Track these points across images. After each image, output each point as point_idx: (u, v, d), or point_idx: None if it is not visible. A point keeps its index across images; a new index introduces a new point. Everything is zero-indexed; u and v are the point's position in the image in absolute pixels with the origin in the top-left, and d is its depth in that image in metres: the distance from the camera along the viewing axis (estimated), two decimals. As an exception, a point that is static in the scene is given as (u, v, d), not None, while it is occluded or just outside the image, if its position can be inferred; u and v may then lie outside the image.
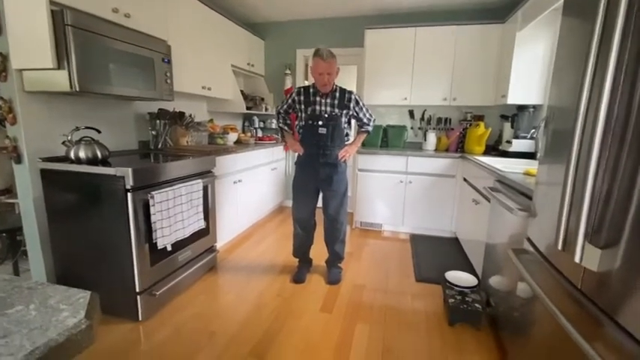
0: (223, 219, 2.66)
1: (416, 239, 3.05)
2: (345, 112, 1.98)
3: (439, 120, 3.42)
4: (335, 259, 2.28)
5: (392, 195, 3.14)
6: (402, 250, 2.81)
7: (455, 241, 2.99)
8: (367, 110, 2.06)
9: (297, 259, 2.36)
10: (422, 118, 3.50)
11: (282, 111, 2.11)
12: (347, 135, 2.07)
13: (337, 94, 1.97)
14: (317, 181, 2.05)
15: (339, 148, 2.03)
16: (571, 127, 1.08)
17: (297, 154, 2.11)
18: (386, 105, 3.49)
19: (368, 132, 2.13)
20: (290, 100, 2.05)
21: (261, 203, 3.43)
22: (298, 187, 2.10)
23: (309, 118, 1.98)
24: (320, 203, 2.16)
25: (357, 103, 2.00)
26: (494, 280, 1.78)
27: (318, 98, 1.97)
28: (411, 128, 3.57)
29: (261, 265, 2.46)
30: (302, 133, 2.03)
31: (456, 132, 3.25)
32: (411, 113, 3.51)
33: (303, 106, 1.99)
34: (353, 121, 2.12)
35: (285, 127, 2.13)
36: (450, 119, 3.41)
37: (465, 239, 2.69)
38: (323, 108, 1.96)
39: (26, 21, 1.53)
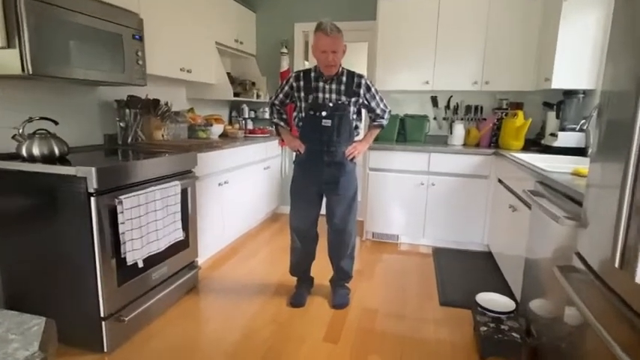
0: (206, 229, 2.67)
1: (440, 254, 3.04)
2: (354, 100, 1.98)
3: (468, 108, 3.42)
4: (341, 277, 2.29)
5: (411, 200, 3.15)
6: (422, 267, 2.81)
7: (487, 256, 2.99)
8: (381, 99, 2.07)
9: (296, 278, 2.41)
10: (447, 107, 3.50)
11: (276, 102, 2.12)
12: (356, 128, 2.07)
13: (344, 79, 1.97)
14: (320, 183, 2.06)
15: (347, 144, 2.04)
16: (630, 116, 1.06)
17: (296, 151, 2.12)
18: (403, 91, 3.49)
19: (382, 126, 2.13)
20: (287, 87, 2.05)
21: (252, 210, 3.45)
22: (297, 190, 2.11)
23: (311, 108, 1.98)
24: (323, 210, 2.16)
25: (369, 89, 2.01)
26: (536, 304, 1.77)
27: (321, 84, 1.97)
28: (434, 119, 3.57)
29: (251, 284, 2.46)
30: (302, 127, 2.03)
31: (489, 123, 3.25)
32: (434, 100, 3.51)
33: (302, 94, 1.99)
34: (364, 112, 2.14)
35: (282, 123, 2.13)
36: (482, 107, 3.41)
37: (500, 254, 2.68)
38: (327, 95, 1.97)
39: (-32, -9, 1.58)
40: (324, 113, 1.95)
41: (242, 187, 3.19)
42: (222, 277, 2.56)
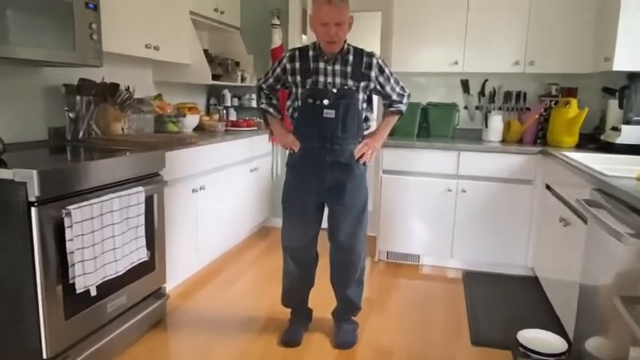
0: (177, 247, 2.68)
1: (472, 279, 3.05)
2: (363, 84, 1.99)
3: (508, 95, 3.43)
4: (347, 309, 2.29)
5: (435, 210, 3.16)
6: (450, 296, 2.81)
7: (532, 283, 2.98)
8: (397, 82, 2.09)
9: (289, 310, 2.37)
10: (481, 93, 3.51)
11: (264, 86, 2.14)
12: (366, 120, 2.08)
13: (351, 58, 1.98)
14: (320, 191, 2.06)
15: (355, 140, 2.04)
16: None
17: (288, 150, 2.12)
18: (426, 73, 3.50)
19: (400, 112, 2.12)
20: (278, 70, 2.07)
21: (235, 223, 3.47)
22: (291, 200, 2.12)
23: (309, 95, 1.98)
24: (325, 224, 2.16)
25: (382, 70, 2.02)
26: (594, 344, 1.77)
27: (321, 64, 1.97)
28: (465, 108, 3.58)
29: (233, 317, 2.46)
30: (298, 119, 2.03)
31: (535, 114, 3.26)
32: (465, 85, 3.53)
33: (299, 78, 2.00)
34: (375, 100, 2.20)
35: (271, 110, 2.15)
36: (525, 94, 3.42)
37: (548, 279, 2.69)
38: (330, 79, 1.97)
39: None
40: (325, 102, 1.96)
41: (222, 195, 3.20)
42: (197, 307, 2.56)
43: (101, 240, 1.86)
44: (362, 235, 2.14)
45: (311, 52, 2.00)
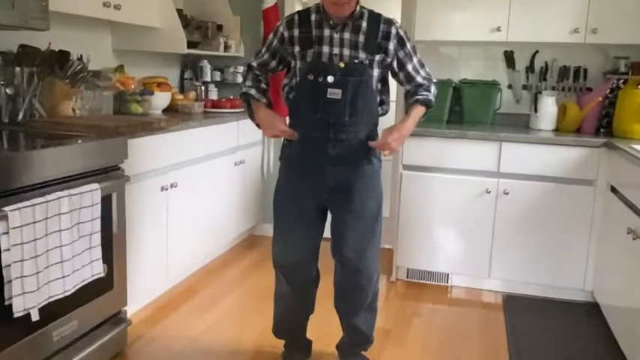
0: (141, 260, 2.68)
1: (515, 304, 3.04)
2: (378, 58, 1.99)
3: (564, 72, 3.42)
4: (356, 342, 2.30)
5: (469, 218, 3.16)
6: (487, 326, 2.81)
7: (591, 310, 2.98)
8: (422, 63, 2.10)
9: (283, 342, 2.38)
10: (530, 69, 3.49)
11: (255, 64, 2.16)
12: (382, 104, 2.10)
13: (364, 24, 1.98)
14: (322, 192, 2.07)
15: (367, 128, 2.04)
16: None
17: (282, 140, 2.13)
18: (460, 42, 3.48)
19: (428, 104, 2.09)
20: (275, 41, 2.08)
21: (215, 230, 3.47)
22: (285, 202, 2.13)
23: (310, 69, 1.98)
24: (327, 233, 2.16)
25: (403, 43, 2.03)
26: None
27: (326, 32, 1.98)
28: (509, 87, 3.57)
29: (211, 350, 2.46)
30: (295, 100, 2.05)
31: (598, 95, 3.25)
32: (510, 58, 3.51)
33: (297, 48, 2.01)
34: (392, 83, 2.13)
35: (252, 92, 2.14)
36: (586, 70, 3.41)
37: (612, 307, 2.67)
38: (336, 50, 1.97)
39: None
40: (330, 78, 1.95)
41: (199, 194, 3.20)
42: (165, 337, 2.56)
43: (45, 250, 1.85)
44: (375, 249, 2.14)
45: (314, 16, 2.00)
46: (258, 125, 2.14)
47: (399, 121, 2.07)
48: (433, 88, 2.11)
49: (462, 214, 3.16)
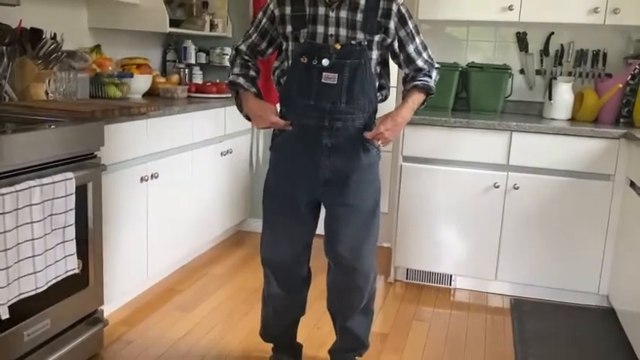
0: (119, 256, 2.73)
1: (523, 309, 3.11)
2: (378, 39, 2.01)
3: (581, 56, 3.48)
4: (350, 346, 2.35)
5: (475, 214, 3.22)
6: (493, 332, 2.87)
7: (607, 316, 3.04)
8: (425, 45, 2.11)
9: (272, 346, 2.43)
10: (544, 52, 3.56)
11: (243, 47, 2.15)
12: (381, 89, 2.12)
13: (362, 1, 1.98)
14: (316, 184, 2.09)
15: (365, 115, 2.06)
16: None
17: (272, 129, 2.16)
18: (467, 22, 3.54)
19: (428, 90, 2.09)
20: (264, 20, 2.09)
21: (200, 225, 3.52)
22: (276, 195, 2.16)
23: (304, 52, 1.99)
24: (321, 229, 2.19)
25: (404, 21, 2.04)
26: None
27: (321, 10, 1.98)
28: (521, 72, 3.64)
29: (194, 354, 2.49)
30: (286, 85, 2.07)
31: (618, 82, 3.29)
32: (522, 41, 3.58)
33: (289, 28, 2.02)
34: (393, 66, 2.17)
35: (240, 80, 2.12)
36: (606, 55, 3.46)
37: (629, 312, 2.72)
38: (332, 30, 1.98)
39: None
40: (325, 61, 1.97)
41: (182, 186, 3.26)
42: (145, 339, 2.60)
43: (16, 244, 1.86)
44: (371, 246, 2.17)
45: (308, -7, 2.00)
46: (247, 117, 2.16)
47: (394, 110, 2.08)
48: (435, 74, 2.11)
49: (468, 210, 3.20)
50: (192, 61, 4.02)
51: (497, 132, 3.14)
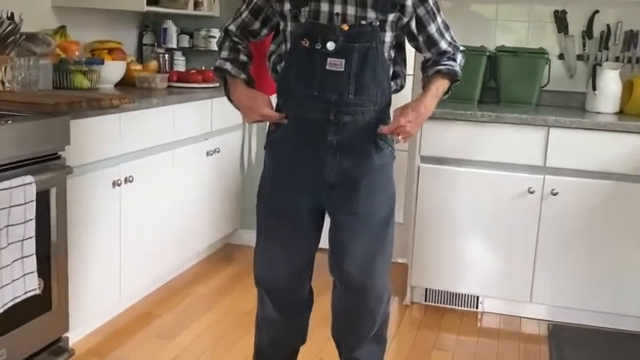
0: (87, 275, 2.70)
1: (562, 336, 3.04)
2: (392, 18, 2.01)
3: (630, 38, 3.42)
4: None
5: (506, 225, 3.16)
6: (527, 363, 2.82)
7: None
8: (447, 25, 2.12)
9: None
10: (587, 34, 3.50)
11: (233, 27, 2.16)
12: (395, 77, 2.14)
13: None
14: (319, 189, 2.10)
15: (377, 108, 2.06)
16: None
17: (267, 124, 2.17)
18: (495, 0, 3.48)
19: (453, 76, 2.11)
20: None
21: (182, 237, 3.48)
22: (272, 202, 2.17)
23: (305, 33, 1.99)
24: (324, 243, 2.19)
25: None
26: None
27: None
28: (560, 57, 3.58)
29: None
30: (285, 72, 2.07)
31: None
32: (561, 20, 3.51)
33: (288, 6, 2.02)
34: (409, 51, 2.17)
35: (227, 66, 2.13)
36: (660, 36, 3.43)
37: None
38: (338, 9, 1.98)
39: None
40: (330, 45, 1.96)
41: (161, 192, 3.21)
42: None
43: None
44: (385, 262, 2.17)
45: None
46: (237, 106, 2.17)
47: (416, 99, 2.08)
48: (460, 57, 2.12)
49: (497, 219, 3.15)
50: (174, 45, 3.97)
51: (531, 128, 3.09)
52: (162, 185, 3.21)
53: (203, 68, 3.83)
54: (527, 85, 3.44)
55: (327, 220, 2.17)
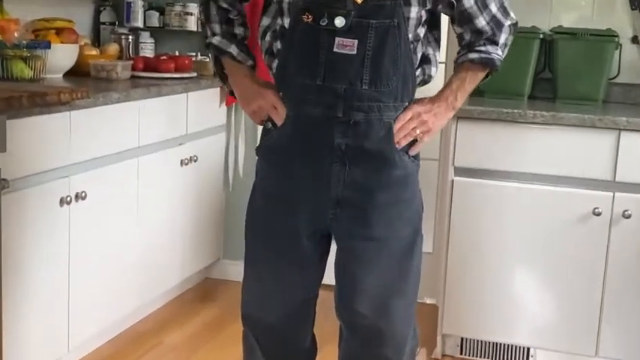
0: (25, 319, 2.70)
1: None
2: None
3: None
4: None
5: (564, 256, 3.17)
6: None
7: None
8: None
9: None
10: None
11: None
12: (425, 63, 2.14)
13: None
14: (324, 207, 2.10)
15: (400, 103, 2.06)
16: None
17: (265, 121, 2.16)
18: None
19: (491, 64, 2.13)
20: None
21: (148, 270, 3.49)
22: (265, 224, 2.19)
23: (308, 6, 1.99)
24: (328, 278, 2.20)
25: None
26: None
27: None
28: (633, 41, 3.61)
29: None
30: (280, 55, 2.09)
31: None
32: None
33: None
34: (444, 27, 2.20)
35: (235, 52, 2.17)
36: None
37: None
38: None
39: None
40: (339, 21, 1.95)
41: (122, 212, 3.24)
42: None
43: None
44: (407, 302, 2.18)
45: None
46: (230, 91, 2.22)
47: (438, 93, 2.11)
48: (504, 37, 2.12)
49: (553, 249, 3.16)
50: (139, 24, 4.02)
51: (597, 131, 3.11)
52: (123, 204, 3.23)
53: (177, 54, 3.85)
54: (591, 76, 3.46)
55: (333, 248, 2.15)
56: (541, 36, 3.51)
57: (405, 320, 2.16)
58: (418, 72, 2.09)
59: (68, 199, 2.85)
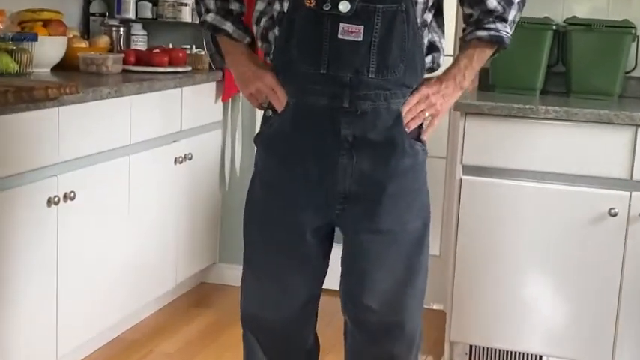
0: (12, 325, 2.72)
1: None
2: None
3: None
4: None
5: (578, 259, 3.16)
6: None
7: None
8: None
9: None
10: None
11: None
12: (432, 50, 2.15)
13: None
14: (330, 200, 2.11)
15: (408, 92, 2.08)
16: None
17: (265, 108, 2.17)
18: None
19: (500, 42, 2.13)
20: None
21: (140, 275, 3.50)
22: (265, 220, 2.20)
23: None
24: (332, 276, 2.22)
25: None
26: None
27: None
28: None
29: None
30: (280, 42, 2.08)
31: None
32: None
33: None
34: (449, 12, 2.21)
35: (231, 30, 2.16)
36: None
37: None
38: None
39: None
40: (344, 5, 1.95)
41: (113, 212, 3.24)
42: None
43: None
44: (417, 296, 2.20)
45: None
46: (223, 75, 2.18)
47: (444, 72, 2.12)
48: (513, 14, 2.11)
49: (567, 251, 3.16)
50: (131, 16, 4.02)
51: (613, 127, 3.11)
52: (113, 204, 3.23)
53: (170, 46, 3.86)
54: (606, 70, 3.47)
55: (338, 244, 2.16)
56: (554, 27, 3.51)
57: (415, 316, 2.18)
58: (428, 59, 2.09)
59: (56, 199, 2.85)
